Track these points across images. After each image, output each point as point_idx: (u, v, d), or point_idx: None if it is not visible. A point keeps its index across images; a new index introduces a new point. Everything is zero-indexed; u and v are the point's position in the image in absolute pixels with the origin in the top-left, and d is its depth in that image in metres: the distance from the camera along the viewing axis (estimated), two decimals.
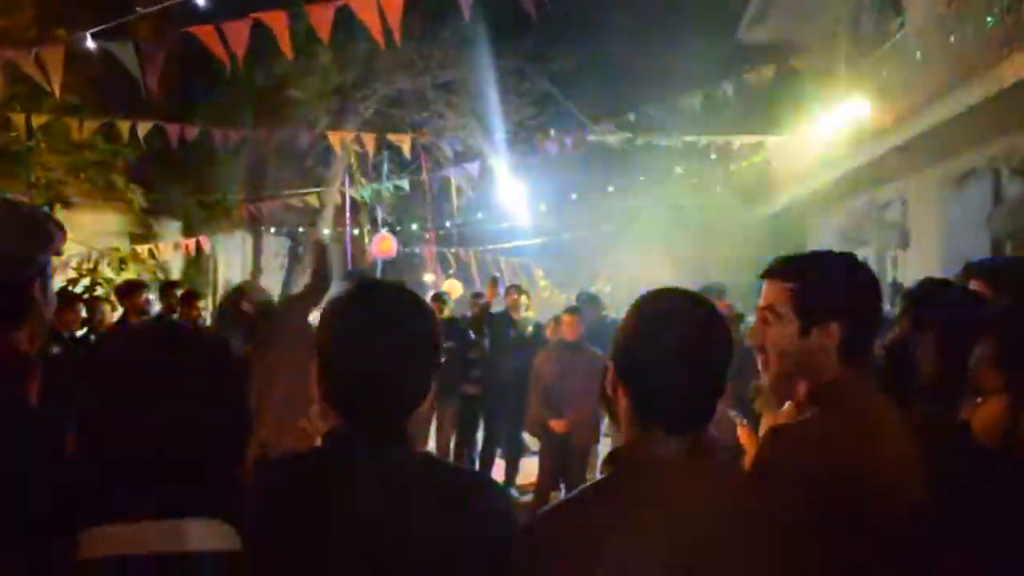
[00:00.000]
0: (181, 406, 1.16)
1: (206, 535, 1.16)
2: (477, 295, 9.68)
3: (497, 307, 8.90)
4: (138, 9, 6.94)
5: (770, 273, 1.91)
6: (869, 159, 10.95)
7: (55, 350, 6.08)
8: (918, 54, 10.17)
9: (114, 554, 1.11)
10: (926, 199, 10.98)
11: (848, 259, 1.91)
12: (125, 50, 6.51)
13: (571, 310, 7.26)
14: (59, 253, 1.74)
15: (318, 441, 1.58)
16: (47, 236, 1.68)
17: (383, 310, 1.56)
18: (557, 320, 7.69)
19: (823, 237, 14.71)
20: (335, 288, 6.76)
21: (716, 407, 1.53)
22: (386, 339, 1.51)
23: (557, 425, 6.79)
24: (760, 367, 1.95)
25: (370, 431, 1.51)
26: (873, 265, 9.40)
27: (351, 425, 1.52)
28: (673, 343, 1.49)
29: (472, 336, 8.38)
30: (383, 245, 13.40)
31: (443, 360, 1.65)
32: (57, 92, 6.98)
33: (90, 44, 6.72)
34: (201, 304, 7.74)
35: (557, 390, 6.83)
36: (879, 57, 11.79)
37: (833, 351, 1.81)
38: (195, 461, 1.17)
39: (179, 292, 7.89)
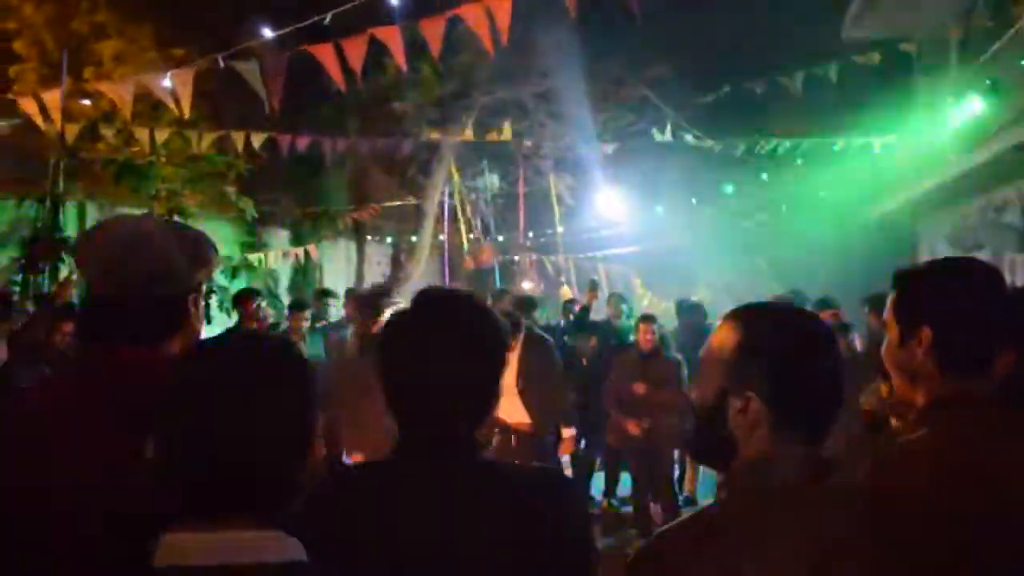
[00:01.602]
0: (248, 419, 1.20)
1: (270, 547, 1.19)
2: (570, 302, 9.60)
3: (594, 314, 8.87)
4: (266, 31, 7.26)
5: (891, 284, 1.88)
6: (984, 158, 10.49)
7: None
8: None
9: (179, 564, 1.14)
10: None
11: (958, 263, 1.85)
12: (251, 70, 6.86)
13: (645, 318, 7.24)
14: (212, 273, 1.86)
15: None
16: (206, 257, 1.81)
17: (444, 320, 1.56)
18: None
19: (933, 241, 14.18)
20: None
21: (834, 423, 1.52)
22: (445, 349, 1.51)
23: (633, 427, 6.81)
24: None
25: (433, 442, 1.51)
26: None
27: (414, 437, 1.52)
28: (821, 358, 1.49)
29: (566, 342, 8.23)
30: (484, 254, 13.55)
31: None
32: (186, 113, 7.37)
33: (222, 65, 7.09)
34: (306, 314, 7.95)
35: (634, 399, 6.86)
36: (995, 51, 11.30)
37: (931, 360, 1.74)
38: (260, 472, 1.21)
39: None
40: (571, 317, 8.98)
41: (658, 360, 6.97)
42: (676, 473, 7.94)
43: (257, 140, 9.23)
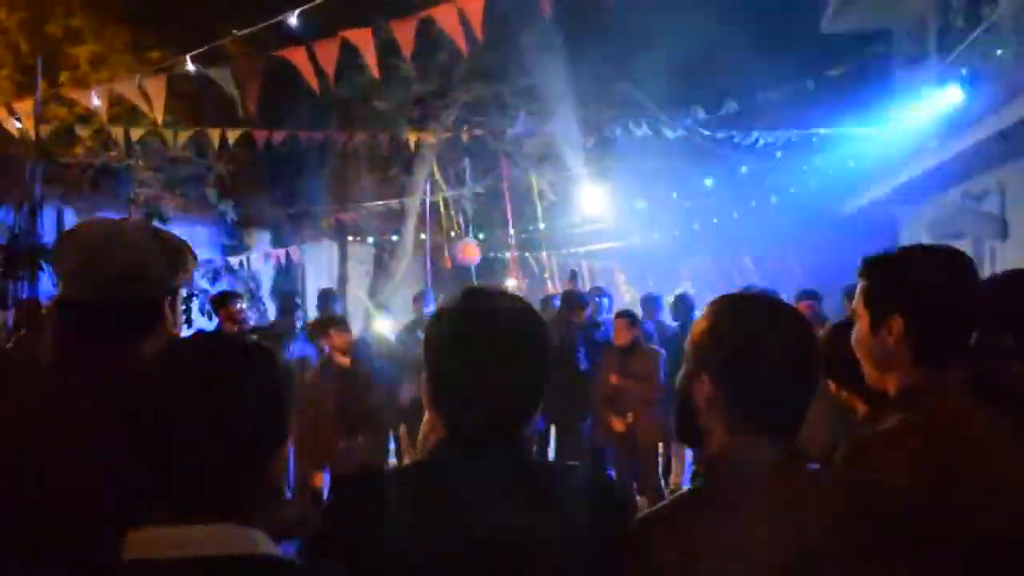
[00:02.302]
0: (208, 415, 1.21)
1: (236, 539, 1.20)
2: (548, 298, 9.51)
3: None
4: (233, 32, 7.22)
5: (859, 272, 1.86)
6: (964, 147, 10.56)
7: None
8: (1015, 36, 9.77)
9: (144, 558, 1.16)
10: None
11: (932, 251, 1.83)
12: (223, 74, 6.83)
13: (622, 314, 7.25)
14: (190, 277, 1.86)
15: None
16: (183, 262, 1.82)
17: (493, 318, 1.54)
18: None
19: (913, 231, 14.27)
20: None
21: (806, 411, 1.51)
22: (496, 348, 1.50)
23: (618, 424, 6.85)
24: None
25: (483, 442, 1.49)
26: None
27: (462, 437, 1.51)
28: (781, 346, 1.48)
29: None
30: (467, 252, 13.52)
31: None
32: (160, 118, 7.34)
33: (190, 67, 7.05)
34: (298, 314, 7.95)
35: (617, 394, 6.92)
36: (973, 42, 11.37)
37: (903, 349, 1.73)
38: (224, 469, 1.22)
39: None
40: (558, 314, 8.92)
41: (637, 354, 7.00)
42: (660, 466, 7.95)
43: (233, 136, 9.19)
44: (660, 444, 7.56)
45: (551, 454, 8.24)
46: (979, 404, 1.75)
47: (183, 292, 1.85)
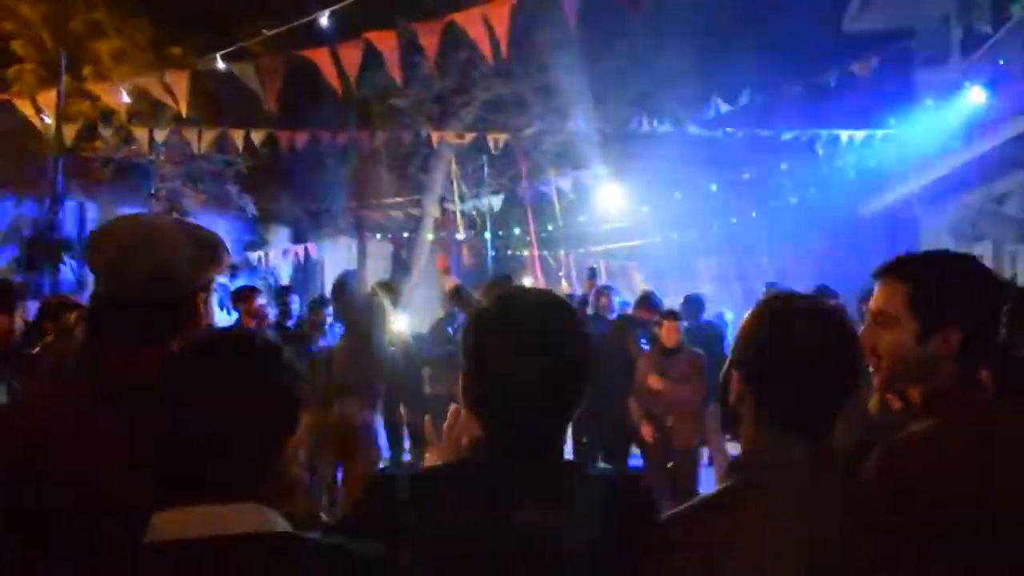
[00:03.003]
0: (228, 403, 1.28)
1: (252, 518, 1.25)
2: (568, 298, 9.40)
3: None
4: (264, 31, 7.26)
5: (885, 274, 1.80)
6: (986, 150, 10.48)
7: None
8: None
9: (165, 539, 1.22)
10: None
11: (967, 259, 1.78)
12: (247, 71, 6.86)
13: (669, 315, 6.97)
14: (223, 272, 1.88)
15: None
16: (218, 257, 1.82)
17: (535, 319, 1.52)
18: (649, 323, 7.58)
19: (935, 233, 14.16)
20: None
21: (842, 413, 1.51)
22: (543, 347, 1.48)
23: (647, 433, 6.62)
24: (871, 371, 1.88)
25: (522, 443, 1.49)
26: (990, 262, 8.97)
27: (501, 437, 1.50)
28: (810, 347, 1.47)
29: None
30: (462, 254, 13.49)
31: None
32: (184, 112, 7.38)
33: (220, 65, 7.10)
34: (326, 310, 7.98)
35: (655, 397, 6.65)
36: (996, 43, 11.27)
37: (951, 357, 1.70)
38: (242, 456, 1.27)
39: (293, 297, 8.16)
40: None
41: (681, 356, 6.73)
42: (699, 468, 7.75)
43: (257, 137, 9.22)
44: (698, 446, 7.36)
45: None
46: (1011, 404, 1.75)
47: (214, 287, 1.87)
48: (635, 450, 8.17)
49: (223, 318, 9.17)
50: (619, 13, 14.33)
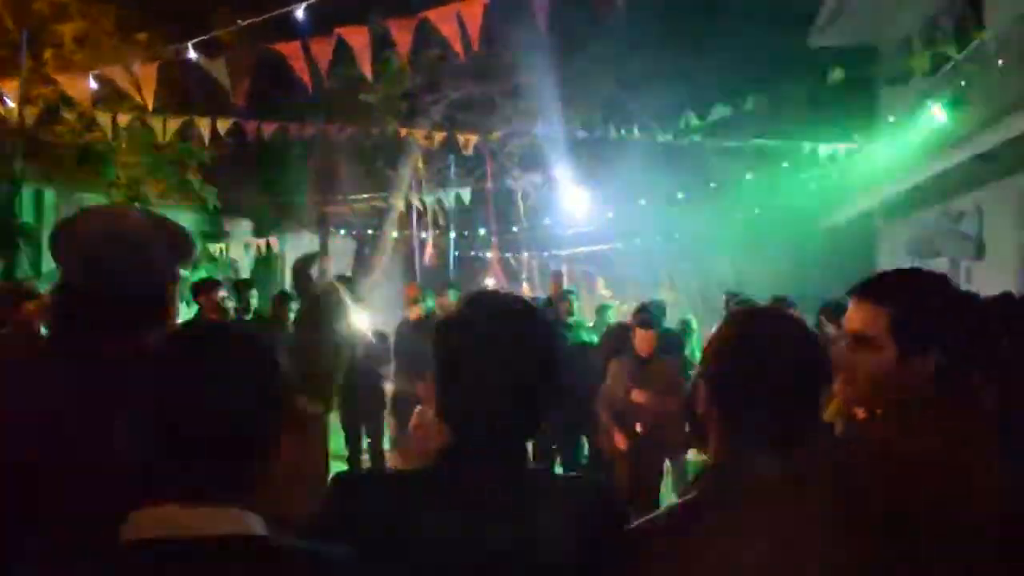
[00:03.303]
0: (209, 397, 1.23)
1: (231, 520, 1.22)
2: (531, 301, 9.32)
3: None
4: (238, 22, 7.15)
5: (863, 294, 1.82)
6: (944, 168, 10.68)
7: None
8: (1000, 61, 9.88)
9: (142, 537, 1.19)
10: (1004, 209, 10.67)
11: (944, 281, 1.82)
12: (217, 66, 6.76)
13: (645, 323, 6.74)
14: (191, 264, 1.89)
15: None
16: (188, 249, 1.85)
17: (508, 323, 1.52)
18: (618, 330, 7.55)
19: (892, 247, 14.41)
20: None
21: (813, 425, 1.52)
22: (513, 355, 1.48)
23: (620, 442, 6.45)
24: (839, 386, 1.89)
25: (491, 450, 1.48)
26: None
27: (470, 443, 1.49)
28: (776, 361, 1.48)
29: None
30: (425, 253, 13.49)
31: None
32: (150, 105, 7.28)
33: (192, 55, 6.98)
34: (291, 304, 7.94)
35: (629, 405, 6.48)
36: (957, 63, 11.50)
37: (929, 379, 1.72)
38: (221, 453, 1.24)
39: (253, 291, 8.10)
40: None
41: (656, 364, 6.53)
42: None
43: (223, 127, 9.10)
44: (676, 457, 7.14)
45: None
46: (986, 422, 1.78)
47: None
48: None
49: (183, 311, 9.05)
50: (590, 20, 14.40)
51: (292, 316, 7.75)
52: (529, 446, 1.59)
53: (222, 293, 7.41)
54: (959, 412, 1.74)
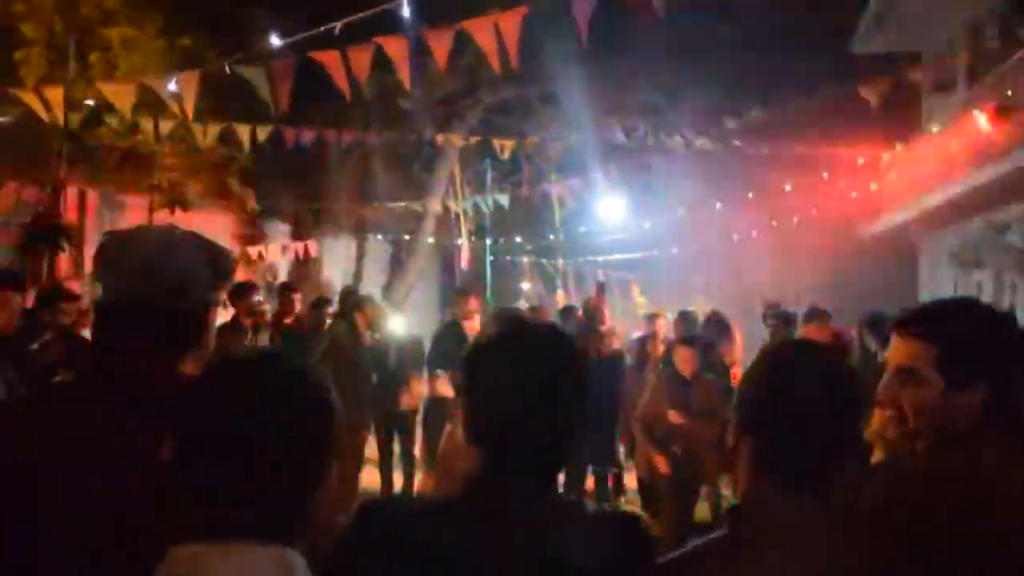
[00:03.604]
0: (256, 434, 1.20)
1: (274, 563, 1.18)
2: (570, 309, 9.21)
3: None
4: (274, 40, 7.22)
5: (908, 330, 1.80)
6: (990, 178, 10.48)
7: None
8: None
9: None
10: None
11: (991, 313, 1.80)
12: (257, 74, 6.83)
13: (687, 341, 6.49)
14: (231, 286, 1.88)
15: None
16: (228, 271, 1.82)
17: (541, 355, 1.52)
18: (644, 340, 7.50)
19: (934, 257, 14.18)
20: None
21: (846, 462, 1.49)
22: (543, 383, 1.48)
23: (663, 466, 6.24)
24: (884, 416, 1.88)
25: (519, 479, 1.47)
26: (989, 291, 8.92)
27: (501, 472, 1.48)
28: (810, 400, 1.45)
29: None
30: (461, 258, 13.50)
31: None
32: (190, 115, 7.38)
33: (234, 67, 7.08)
34: (329, 310, 8.02)
35: (666, 425, 6.25)
36: (1003, 71, 11.29)
37: (977, 412, 1.71)
38: (269, 493, 1.20)
39: (295, 295, 8.19)
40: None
41: (699, 385, 6.29)
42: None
43: (262, 134, 9.23)
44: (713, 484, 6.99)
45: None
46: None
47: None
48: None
49: (219, 313, 9.15)
50: (630, 26, 14.34)
51: (328, 322, 7.83)
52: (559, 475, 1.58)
53: (257, 297, 7.48)
54: (1004, 440, 1.71)
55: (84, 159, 10.17)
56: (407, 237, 15.19)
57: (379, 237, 16.49)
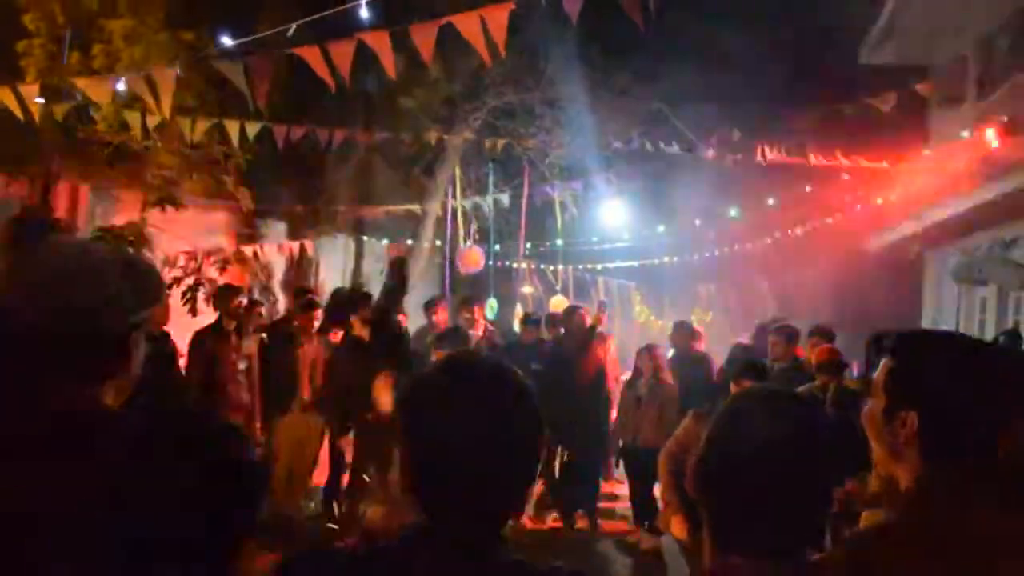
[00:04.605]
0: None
1: None
2: (573, 309, 9.23)
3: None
4: (259, 30, 7.09)
5: (879, 345, 1.75)
6: (996, 194, 10.31)
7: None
8: None
9: None
10: None
11: (966, 341, 1.70)
12: (235, 70, 6.71)
13: (755, 372, 5.88)
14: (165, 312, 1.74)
15: None
16: (157, 292, 1.66)
17: (485, 396, 1.37)
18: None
19: (939, 273, 14.02)
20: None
21: (819, 528, 1.34)
22: (490, 431, 1.33)
23: (678, 529, 5.85)
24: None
25: (462, 532, 1.33)
26: (993, 308, 8.74)
27: (439, 524, 1.34)
28: (775, 460, 1.32)
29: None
30: (470, 257, 13.41)
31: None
32: (166, 112, 7.28)
33: (216, 59, 6.98)
34: (316, 313, 7.94)
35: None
36: (1013, 85, 11.12)
37: (912, 442, 1.60)
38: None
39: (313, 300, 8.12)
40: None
41: None
42: None
43: (252, 129, 9.11)
44: None
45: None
46: (999, 502, 1.59)
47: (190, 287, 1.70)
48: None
49: (209, 313, 9.01)
50: (634, 32, 14.23)
51: (316, 324, 7.76)
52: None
53: (241, 300, 7.43)
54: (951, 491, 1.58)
55: (76, 153, 10.06)
56: (409, 242, 15.07)
57: (384, 242, 16.35)
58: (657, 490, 8.87)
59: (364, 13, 6.40)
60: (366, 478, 7.03)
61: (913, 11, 12.82)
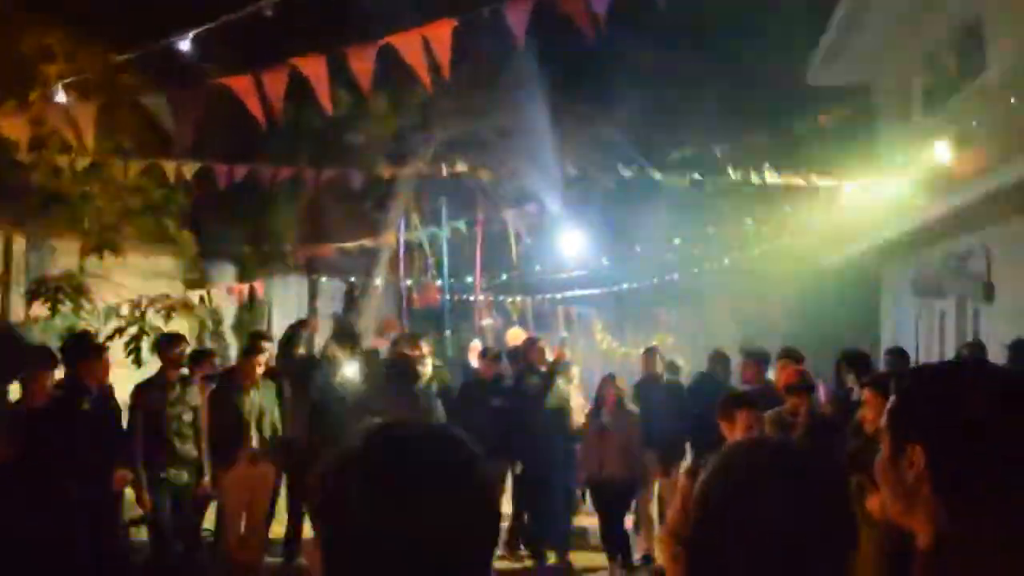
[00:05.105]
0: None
1: None
2: (516, 349, 9.29)
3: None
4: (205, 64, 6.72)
5: (872, 387, 1.57)
6: (950, 207, 10.34)
7: (85, 406, 6.08)
8: (1012, 99, 9.54)
9: None
10: (1015, 250, 10.29)
11: (972, 368, 1.52)
12: (158, 103, 6.23)
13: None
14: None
15: None
16: (17, 367, 1.42)
17: (429, 473, 1.09)
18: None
19: (896, 287, 14.09)
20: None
21: None
22: (434, 512, 1.06)
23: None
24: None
25: None
26: (952, 319, 8.76)
27: None
28: (772, 519, 1.16)
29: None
30: (427, 293, 13.25)
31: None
32: (89, 148, 6.92)
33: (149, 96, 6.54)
34: (261, 358, 7.60)
35: None
36: (961, 101, 11.21)
37: (923, 479, 1.42)
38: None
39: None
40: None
41: None
42: None
43: (189, 170, 8.75)
44: None
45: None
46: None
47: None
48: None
49: (154, 363, 8.61)
50: (584, 56, 14.20)
51: (260, 371, 7.45)
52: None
53: (181, 349, 7.12)
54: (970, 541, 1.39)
55: (10, 202, 9.62)
56: (360, 276, 14.78)
57: (336, 281, 16.02)
58: (628, 522, 8.69)
59: (298, 42, 6.09)
60: None
61: (859, 30, 12.94)
